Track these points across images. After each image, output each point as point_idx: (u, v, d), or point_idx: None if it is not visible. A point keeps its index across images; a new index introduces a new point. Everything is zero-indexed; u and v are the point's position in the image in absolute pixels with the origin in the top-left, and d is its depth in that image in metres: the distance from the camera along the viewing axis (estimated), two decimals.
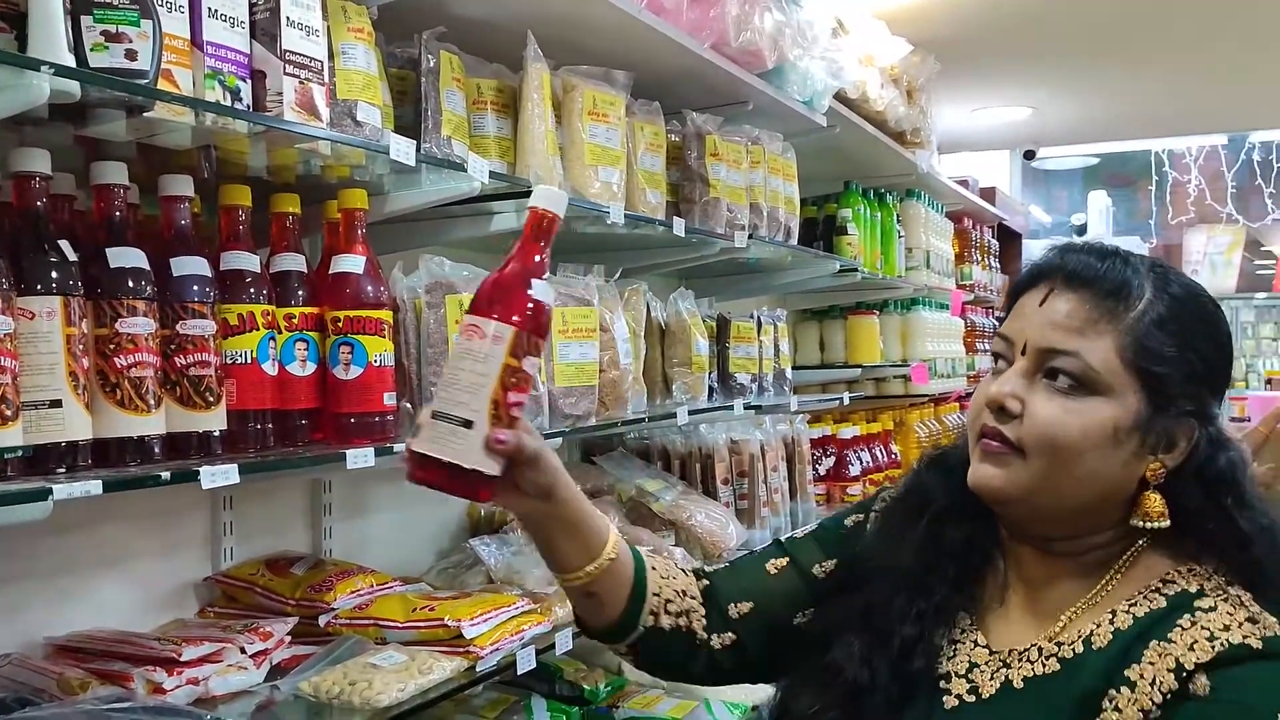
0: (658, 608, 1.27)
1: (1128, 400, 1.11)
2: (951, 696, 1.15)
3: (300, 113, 1.39)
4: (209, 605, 1.93)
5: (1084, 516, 1.15)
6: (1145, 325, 1.11)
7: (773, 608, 1.31)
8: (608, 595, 1.25)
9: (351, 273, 1.61)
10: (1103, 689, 1.08)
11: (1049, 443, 1.11)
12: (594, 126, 2.06)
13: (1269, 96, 5.37)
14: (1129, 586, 1.14)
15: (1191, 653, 1.05)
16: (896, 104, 3.53)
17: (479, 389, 1.11)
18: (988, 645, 1.18)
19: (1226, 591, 1.11)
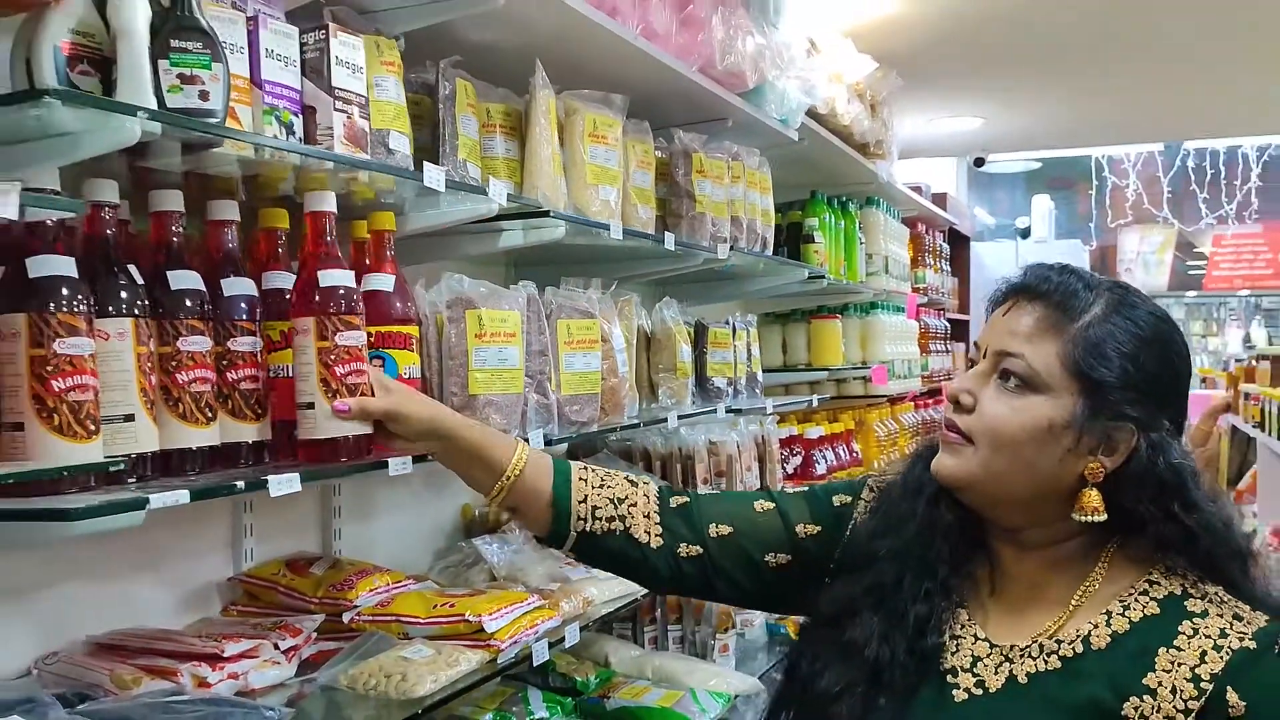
0: (585, 514, 1.43)
1: (1065, 401, 1.22)
2: (960, 690, 1.23)
3: (349, 145, 1.49)
4: (231, 604, 2.02)
5: (1030, 506, 1.26)
6: (1088, 335, 1.23)
7: (749, 540, 1.43)
8: (527, 508, 1.45)
9: (382, 290, 1.71)
10: (1116, 694, 1.16)
11: (993, 433, 1.24)
12: (594, 148, 2.18)
13: (1201, 108, 5.65)
14: (1114, 585, 1.24)
15: (1204, 664, 1.15)
16: (862, 118, 3.69)
17: (308, 375, 1.48)
18: (988, 639, 1.26)
19: (1206, 589, 1.21)
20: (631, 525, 1.44)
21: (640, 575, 1.49)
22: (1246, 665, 1.14)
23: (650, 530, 1.44)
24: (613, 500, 1.44)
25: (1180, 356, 1.27)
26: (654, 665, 2.82)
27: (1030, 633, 1.25)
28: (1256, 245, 13.89)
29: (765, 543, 1.44)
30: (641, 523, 1.44)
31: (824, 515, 1.45)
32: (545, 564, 2.29)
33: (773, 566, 1.43)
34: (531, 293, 1.99)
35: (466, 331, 1.85)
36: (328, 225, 1.51)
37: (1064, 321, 1.24)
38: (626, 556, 1.44)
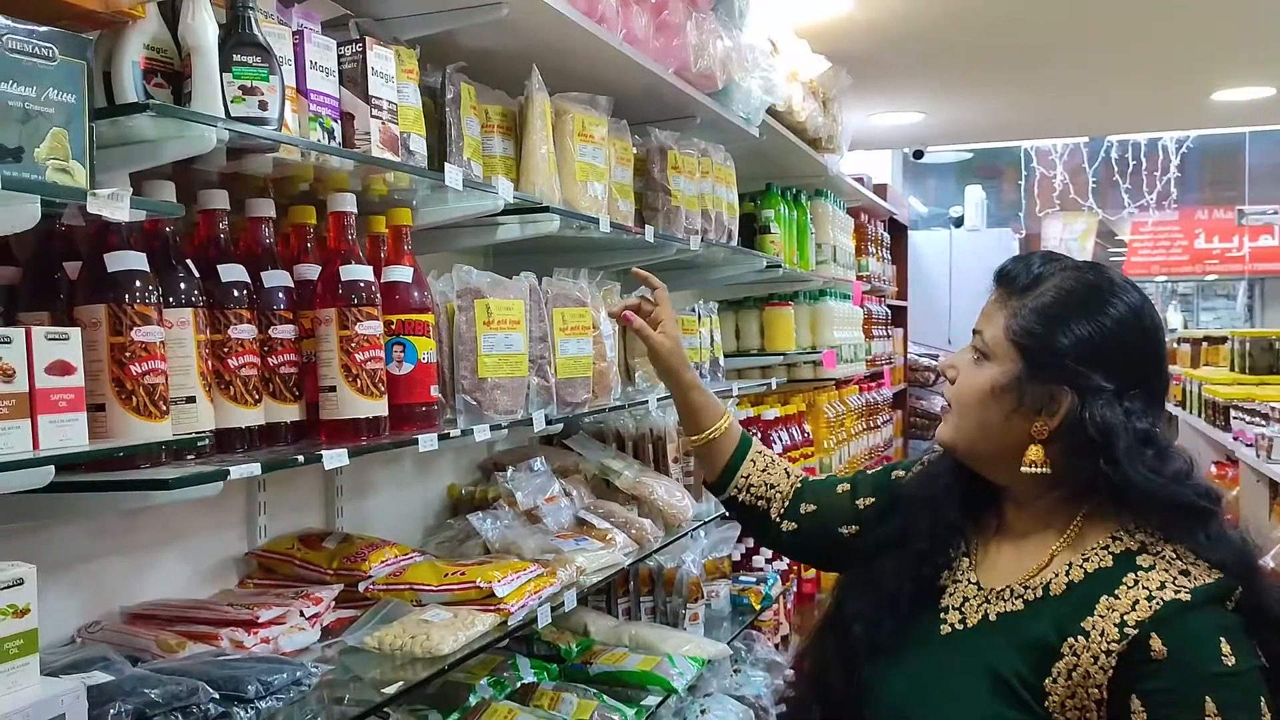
0: (741, 486, 1.81)
1: (1007, 366, 1.39)
2: (947, 625, 1.43)
3: (384, 149, 1.63)
4: (248, 577, 2.14)
5: (998, 462, 1.42)
6: (1028, 309, 1.39)
7: (828, 515, 1.73)
8: (709, 462, 1.86)
9: (402, 281, 1.85)
10: (1059, 634, 1.30)
11: (956, 398, 1.45)
12: (583, 146, 2.32)
13: (1124, 105, 5.95)
14: (1087, 540, 1.38)
15: (1133, 611, 1.26)
16: (815, 114, 3.88)
17: (330, 361, 1.65)
18: (978, 583, 1.45)
19: (1164, 548, 1.31)
20: (770, 506, 1.79)
21: (761, 537, 1.85)
22: (1175, 615, 1.24)
23: (780, 511, 1.78)
24: (766, 484, 1.80)
25: (1133, 330, 1.37)
26: (630, 634, 2.99)
27: (1013, 579, 1.41)
28: (1173, 233, 14.44)
29: (838, 516, 1.71)
30: (777, 506, 1.78)
31: (879, 488, 1.70)
32: (535, 538, 2.44)
33: (847, 536, 1.70)
34: (533, 283, 2.13)
35: (475, 319, 1.99)
36: (348, 223, 1.64)
37: (1012, 299, 1.42)
38: (754, 524, 1.83)
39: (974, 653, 1.37)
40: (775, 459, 1.84)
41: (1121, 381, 1.35)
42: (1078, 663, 1.28)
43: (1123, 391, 1.34)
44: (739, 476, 1.82)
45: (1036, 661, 1.31)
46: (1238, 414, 3.69)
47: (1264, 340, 4.35)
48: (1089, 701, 1.27)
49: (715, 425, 1.83)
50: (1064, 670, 1.28)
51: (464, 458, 2.93)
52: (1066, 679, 1.28)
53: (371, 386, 1.68)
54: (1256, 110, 5.80)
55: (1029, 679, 1.30)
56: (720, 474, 1.84)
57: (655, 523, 2.83)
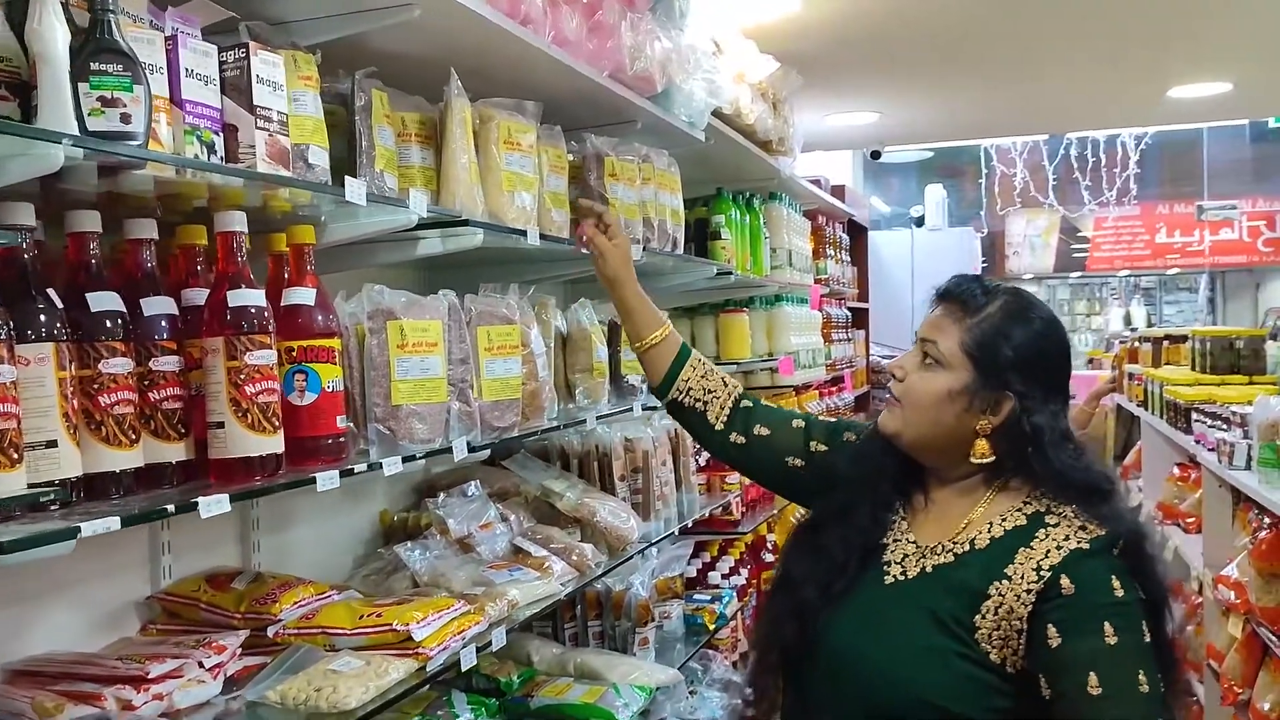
0: (682, 389, 2.03)
1: (961, 374, 1.64)
2: (889, 576, 1.67)
3: (271, 162, 1.49)
4: (150, 623, 1.99)
5: (942, 451, 1.69)
6: (979, 327, 1.65)
7: (778, 444, 1.96)
8: (652, 367, 2.07)
9: (303, 304, 1.71)
10: (986, 579, 1.57)
11: (910, 397, 1.69)
12: (510, 155, 2.19)
13: (1089, 102, 5.89)
14: (1001, 505, 1.66)
15: (1046, 558, 1.55)
16: (765, 116, 3.76)
17: (218, 395, 1.52)
18: (915, 542, 1.70)
19: (1065, 510, 1.60)
20: (708, 409, 2.01)
21: (703, 441, 2.08)
22: (1078, 559, 1.54)
23: (720, 417, 2.00)
24: (705, 389, 2.02)
25: (1055, 347, 1.68)
26: (576, 662, 2.87)
27: (943, 537, 1.67)
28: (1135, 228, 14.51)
29: (788, 448, 1.94)
30: (715, 410, 2.00)
31: (833, 438, 1.93)
32: (467, 568, 2.31)
33: (789, 466, 1.94)
34: (452, 301, 2.00)
35: (388, 342, 1.85)
36: (237, 243, 1.51)
37: (965, 316, 1.67)
38: (695, 426, 2.04)
39: (914, 598, 1.63)
40: (713, 368, 2.08)
41: (1047, 390, 1.65)
42: (1003, 601, 1.55)
43: (1048, 398, 1.64)
44: (679, 380, 2.04)
45: (968, 602, 1.57)
46: (1199, 417, 3.61)
47: (1224, 339, 4.28)
48: (1011, 631, 1.54)
49: (655, 332, 2.07)
50: (991, 608, 1.55)
51: (398, 482, 2.79)
52: (994, 615, 1.55)
53: (264, 421, 1.54)
54: (1213, 105, 5.76)
55: (961, 617, 1.57)
56: (663, 378, 2.06)
57: (598, 547, 2.70)
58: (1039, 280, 15.98)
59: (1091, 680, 1.48)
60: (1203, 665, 3.28)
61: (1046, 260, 15.55)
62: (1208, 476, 3.42)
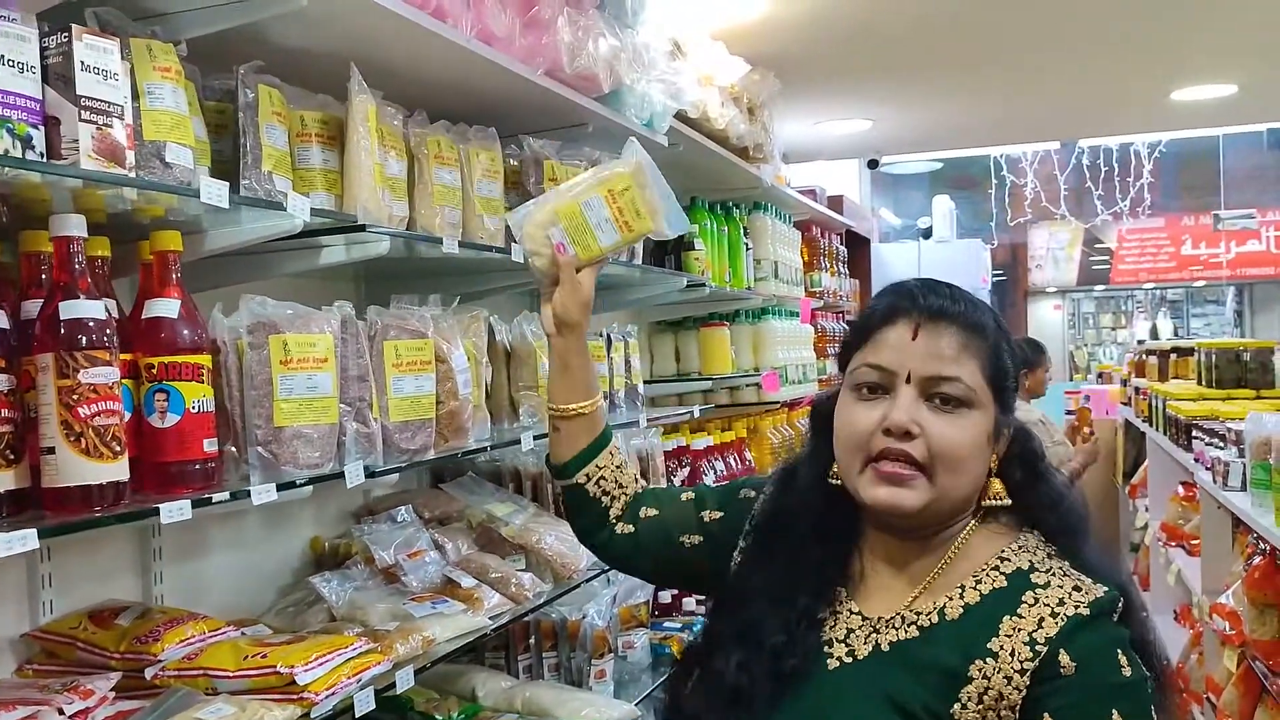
0: (592, 474, 1.64)
1: (989, 410, 1.33)
2: (834, 659, 1.34)
3: (100, 159, 1.34)
4: (27, 663, 1.85)
5: (958, 509, 1.35)
6: (994, 349, 1.34)
7: (671, 522, 1.62)
8: (568, 438, 1.64)
9: (165, 317, 1.56)
10: (964, 659, 1.26)
11: (950, 456, 1.30)
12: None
13: (1090, 106, 5.69)
14: (970, 562, 1.34)
15: (1040, 629, 1.25)
16: (737, 122, 3.61)
17: (49, 418, 1.37)
18: (860, 612, 1.37)
19: (1051, 564, 1.32)
20: (613, 505, 1.65)
21: (588, 537, 1.69)
22: (1078, 630, 1.24)
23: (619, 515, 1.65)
24: (616, 483, 1.66)
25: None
26: (524, 697, 2.69)
27: (896, 605, 1.35)
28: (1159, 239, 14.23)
29: (681, 525, 1.60)
30: (618, 507, 1.65)
31: (728, 503, 1.60)
32: (388, 601, 2.15)
33: (687, 547, 1.59)
34: (347, 314, 1.85)
35: (270, 358, 1.70)
36: (73, 250, 1.36)
37: (977, 340, 1.33)
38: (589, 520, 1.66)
39: (869, 685, 1.30)
40: (627, 461, 1.71)
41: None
42: (988, 685, 1.25)
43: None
44: (593, 465, 1.65)
45: (942, 687, 1.26)
46: (1198, 434, 3.41)
47: (1230, 351, 4.07)
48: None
49: (589, 400, 1.65)
50: (974, 694, 1.25)
51: (330, 506, 2.63)
52: (978, 703, 1.25)
53: (101, 446, 1.39)
54: (1220, 109, 5.54)
55: (934, 707, 1.26)
56: (576, 454, 1.65)
57: (542, 575, 2.54)
58: (1063, 294, 15.70)
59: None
60: (1203, 697, 3.08)
61: (1070, 274, 15.27)
62: (1204, 497, 3.22)
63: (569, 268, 1.56)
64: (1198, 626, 3.64)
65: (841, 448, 1.36)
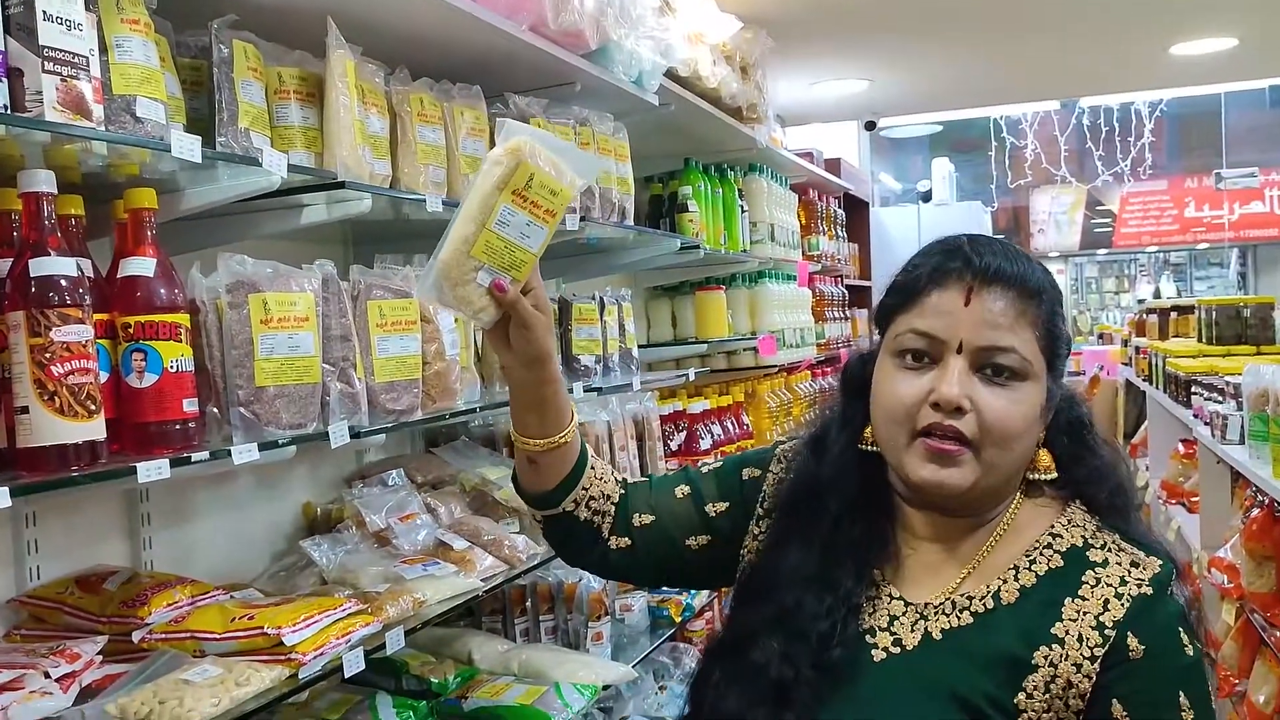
0: (581, 499, 1.47)
1: (1042, 381, 1.24)
2: (879, 650, 1.25)
3: (65, 112, 1.31)
4: (15, 628, 1.84)
5: (1006, 485, 1.28)
6: (1048, 314, 1.24)
7: (670, 527, 1.47)
8: (547, 470, 1.46)
9: (141, 275, 1.54)
10: (1028, 646, 1.20)
11: (1002, 433, 1.21)
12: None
13: (1090, 63, 5.62)
14: (1019, 539, 1.27)
15: (1107, 612, 1.19)
16: (730, 80, 3.56)
17: (22, 376, 1.34)
18: (903, 598, 1.28)
19: (1104, 539, 1.26)
20: (604, 523, 1.49)
21: (585, 561, 1.54)
22: (1144, 611, 1.18)
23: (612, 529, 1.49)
24: (603, 495, 1.49)
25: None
26: (521, 659, 2.69)
27: (942, 589, 1.27)
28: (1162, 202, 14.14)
29: (683, 527, 1.47)
30: (608, 524, 1.49)
31: (731, 490, 1.47)
32: (379, 564, 2.14)
33: (695, 549, 1.47)
34: (328, 273, 1.83)
35: (250, 318, 1.68)
36: (43, 206, 1.34)
37: (1032, 306, 1.24)
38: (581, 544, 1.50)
39: (924, 677, 1.22)
40: (603, 464, 1.54)
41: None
42: (1056, 673, 1.18)
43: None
44: (579, 488, 1.48)
45: (1006, 677, 1.19)
46: (1198, 389, 3.38)
47: (1230, 308, 4.04)
48: (1068, 713, 1.19)
49: (569, 428, 1.46)
50: (1040, 683, 1.19)
51: (322, 471, 2.62)
52: (1045, 692, 1.18)
53: (75, 405, 1.37)
54: (1221, 64, 5.47)
55: (998, 698, 1.18)
56: (560, 483, 1.47)
57: (536, 538, 2.53)
58: (1065, 258, 15.63)
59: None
60: None
61: (1072, 237, 15.20)
62: (1203, 452, 3.20)
63: (516, 301, 1.31)
64: (1197, 584, 3.63)
65: (883, 419, 1.26)
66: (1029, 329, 1.22)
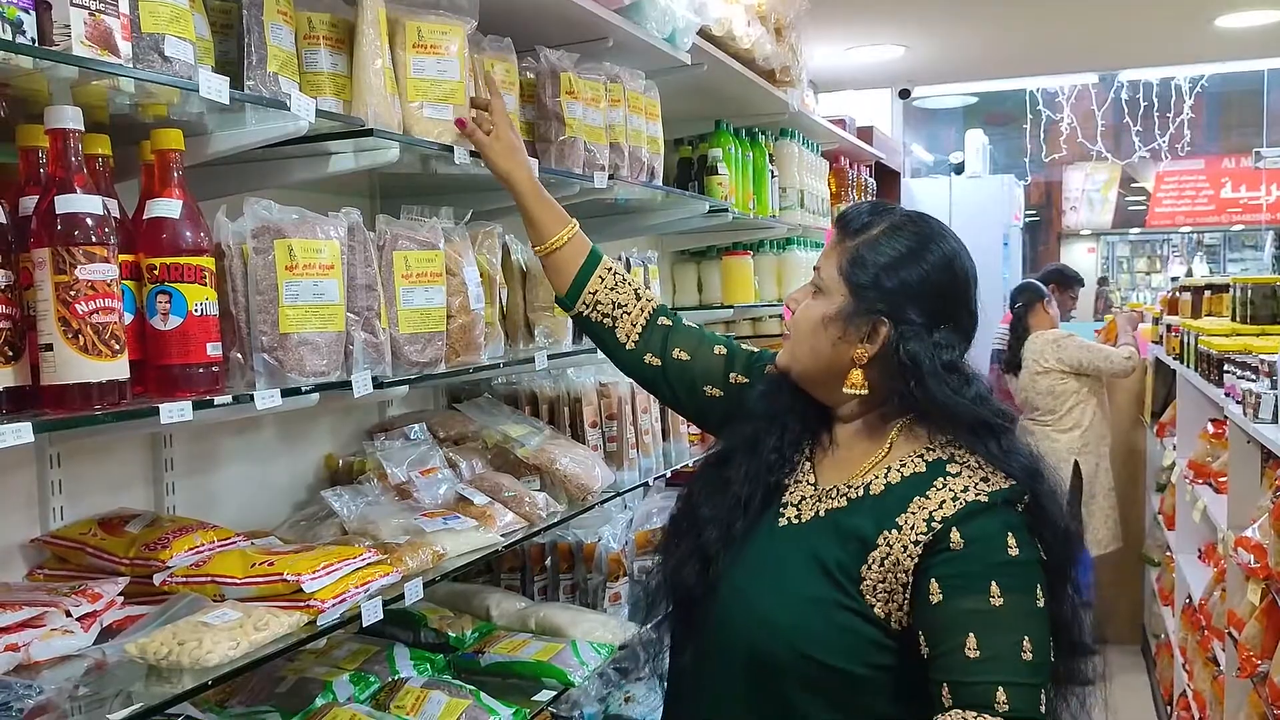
0: (589, 302, 1.91)
1: (837, 300, 1.54)
2: (784, 519, 1.58)
3: (93, 46, 1.30)
4: (38, 567, 1.86)
5: (825, 384, 1.58)
6: (856, 251, 1.55)
7: (697, 370, 1.84)
8: (557, 274, 1.95)
9: (167, 217, 1.53)
10: (876, 527, 1.47)
11: (795, 327, 1.61)
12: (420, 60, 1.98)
13: (1134, 34, 5.51)
14: (901, 450, 1.55)
15: (940, 510, 1.44)
16: (764, 42, 3.51)
17: (46, 314, 1.34)
18: (814, 484, 1.60)
19: (968, 459, 1.49)
20: (618, 326, 1.90)
21: (613, 358, 1.95)
22: (973, 514, 1.43)
23: (630, 335, 1.89)
24: (614, 303, 1.90)
25: (941, 271, 1.53)
26: (538, 617, 2.70)
27: (840, 480, 1.57)
28: (1198, 182, 13.92)
29: (707, 376, 1.82)
30: (625, 327, 1.89)
31: (753, 373, 1.79)
32: (399, 516, 2.14)
33: (707, 395, 1.83)
34: (355, 221, 1.81)
35: (276, 263, 1.67)
36: (70, 144, 1.33)
37: (844, 240, 1.58)
38: (604, 343, 1.93)
39: (803, 543, 1.53)
40: (627, 278, 1.92)
41: (932, 317, 1.52)
42: (889, 552, 1.45)
43: (933, 326, 1.52)
44: (586, 292, 1.91)
45: (855, 551, 1.47)
46: (1230, 367, 3.33)
47: (1266, 287, 3.96)
48: (896, 585, 1.45)
49: (557, 235, 1.93)
50: (878, 558, 1.46)
51: (348, 423, 2.63)
52: (880, 565, 1.45)
53: (99, 344, 1.36)
54: (1268, 37, 5.35)
55: (847, 566, 1.47)
56: (569, 287, 1.93)
57: (557, 496, 2.53)
58: (1097, 236, 15.41)
59: (970, 642, 1.38)
60: (1224, 633, 3.04)
61: (1105, 216, 14.99)
62: (1234, 430, 3.15)
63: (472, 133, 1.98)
64: (1221, 564, 3.59)
65: None
66: (835, 257, 1.57)
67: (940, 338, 1.51)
